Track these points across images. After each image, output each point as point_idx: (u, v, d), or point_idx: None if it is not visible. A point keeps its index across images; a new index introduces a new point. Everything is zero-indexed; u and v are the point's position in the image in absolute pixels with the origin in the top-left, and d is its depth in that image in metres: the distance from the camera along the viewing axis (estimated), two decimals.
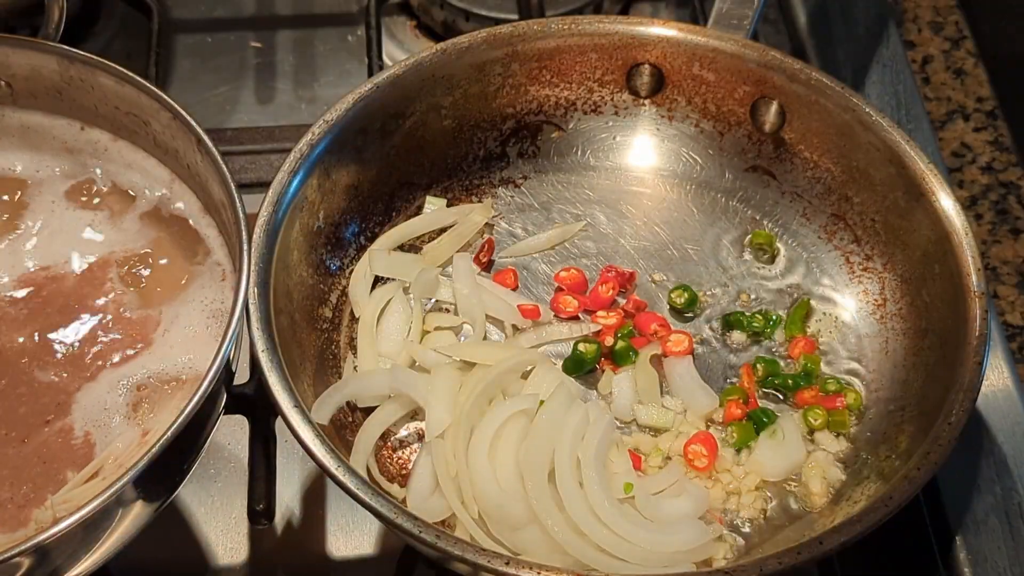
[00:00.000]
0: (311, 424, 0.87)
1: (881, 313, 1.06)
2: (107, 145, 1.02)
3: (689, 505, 0.94)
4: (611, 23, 1.13)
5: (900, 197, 1.05)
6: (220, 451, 1.05)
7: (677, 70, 1.14)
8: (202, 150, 0.94)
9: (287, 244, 0.99)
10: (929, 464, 0.87)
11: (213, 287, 0.96)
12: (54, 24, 1.08)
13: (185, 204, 1.00)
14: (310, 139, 1.03)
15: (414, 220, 1.11)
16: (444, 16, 1.34)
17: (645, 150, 1.17)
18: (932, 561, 1.01)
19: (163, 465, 0.80)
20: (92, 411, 0.89)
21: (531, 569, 0.81)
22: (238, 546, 1.01)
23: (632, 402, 1.01)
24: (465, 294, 1.05)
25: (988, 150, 1.33)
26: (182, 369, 0.91)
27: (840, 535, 0.84)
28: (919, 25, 1.43)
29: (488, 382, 0.96)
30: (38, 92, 1.01)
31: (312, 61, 1.35)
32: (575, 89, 1.15)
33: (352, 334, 1.04)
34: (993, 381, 1.08)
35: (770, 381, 1.03)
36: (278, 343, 0.92)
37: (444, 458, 0.92)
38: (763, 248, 1.11)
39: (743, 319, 1.06)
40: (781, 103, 1.11)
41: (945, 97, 1.37)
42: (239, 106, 1.31)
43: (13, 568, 0.76)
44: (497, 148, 1.15)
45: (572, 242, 1.12)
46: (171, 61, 1.33)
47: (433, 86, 1.10)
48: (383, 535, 1.02)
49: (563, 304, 1.07)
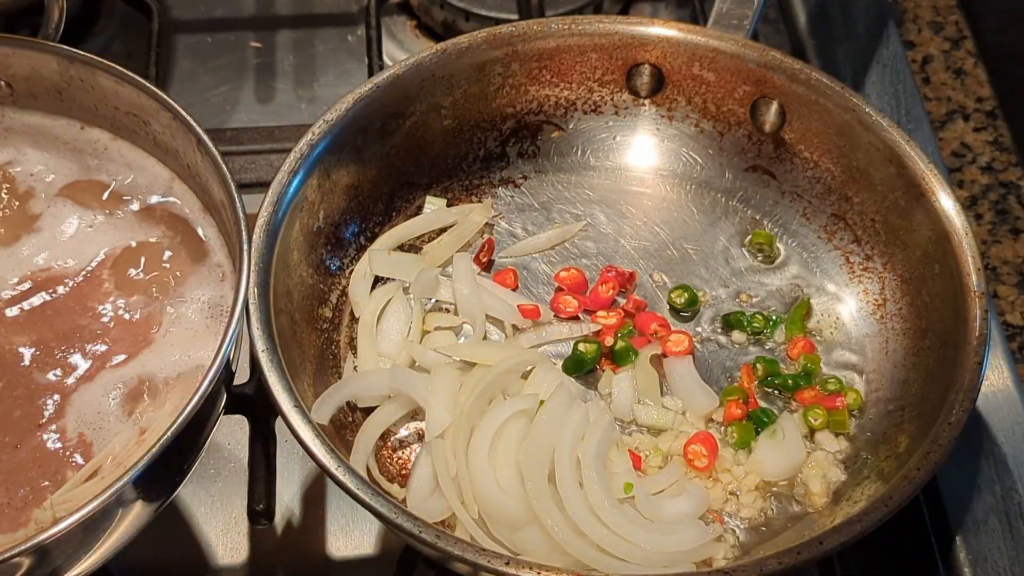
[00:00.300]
0: (311, 424, 0.87)
1: (881, 313, 1.06)
2: (107, 145, 1.02)
3: (689, 505, 0.94)
4: (611, 23, 1.13)
5: (900, 197, 1.05)
6: (220, 451, 1.05)
7: (677, 70, 1.14)
8: (202, 150, 0.94)
9: (287, 244, 0.99)
10: (929, 464, 0.87)
11: (213, 287, 0.96)
12: (54, 24, 1.08)
13: (185, 204, 1.00)
14: (310, 139, 1.03)
15: (414, 220, 1.11)
16: (444, 16, 1.34)
17: (645, 150, 1.17)
18: (932, 561, 1.01)
19: (163, 465, 0.80)
20: (89, 411, 0.89)
21: (531, 569, 0.81)
22: (238, 546, 1.01)
23: (632, 402, 1.01)
24: (465, 294, 1.05)
25: (988, 150, 1.33)
26: (182, 369, 0.91)
27: (840, 535, 0.84)
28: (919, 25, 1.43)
29: (488, 382, 0.96)
30: (38, 92, 1.01)
31: (312, 61, 1.35)
32: (575, 89, 1.15)
33: (352, 334, 1.04)
34: (993, 381, 1.08)
35: (770, 381, 1.03)
36: (278, 343, 0.92)
37: (444, 458, 0.92)
38: (763, 248, 1.11)
39: (743, 319, 1.06)
40: (781, 103, 1.11)
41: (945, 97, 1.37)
42: (239, 106, 1.31)
43: (13, 568, 0.76)
44: (497, 148, 1.15)
45: (572, 242, 1.12)
46: (171, 61, 1.33)
47: (433, 86, 1.10)
48: (383, 535, 1.02)
49: (563, 304, 1.07)
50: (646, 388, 1.02)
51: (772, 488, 0.97)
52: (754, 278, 1.10)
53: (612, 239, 1.12)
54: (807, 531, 0.93)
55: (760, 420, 0.99)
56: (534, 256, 1.11)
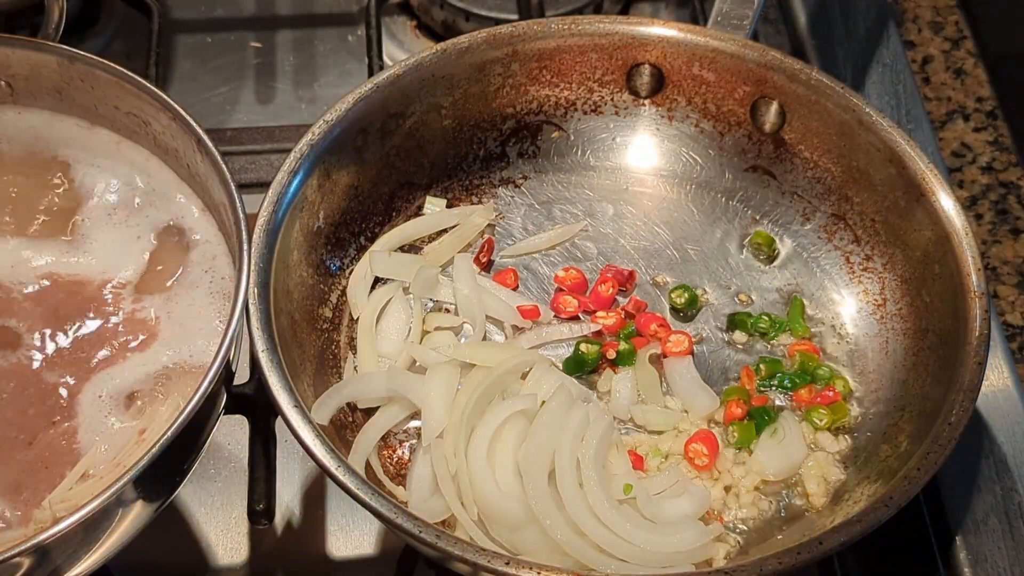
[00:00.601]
0: (311, 424, 0.87)
1: (881, 313, 1.06)
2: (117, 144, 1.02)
3: (689, 505, 0.94)
4: (611, 23, 1.13)
5: (900, 197, 1.05)
6: (220, 451, 1.05)
7: (677, 70, 1.14)
8: (202, 150, 0.94)
9: (287, 244, 0.99)
10: (929, 464, 0.87)
11: (213, 287, 0.96)
12: (54, 24, 1.08)
13: (185, 204, 1.00)
14: (310, 139, 1.03)
15: (415, 221, 1.11)
16: (444, 16, 1.34)
17: (645, 150, 1.17)
18: (932, 561, 1.01)
19: (163, 465, 0.80)
20: (92, 410, 0.89)
21: (531, 569, 0.81)
22: (238, 546, 1.01)
23: (632, 402, 1.01)
24: (465, 294, 1.05)
25: (988, 150, 1.33)
26: (181, 369, 0.91)
27: (840, 535, 0.84)
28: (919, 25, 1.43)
29: (489, 383, 0.96)
30: (38, 92, 1.01)
31: (312, 61, 1.35)
32: (575, 89, 1.15)
33: (352, 334, 1.04)
34: (993, 381, 1.08)
35: (771, 381, 1.03)
36: (278, 343, 0.92)
37: (443, 458, 0.92)
38: (763, 248, 1.11)
39: (747, 319, 1.06)
40: (781, 103, 1.11)
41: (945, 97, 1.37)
42: (239, 106, 1.31)
43: (13, 568, 0.76)
44: (497, 148, 1.15)
45: (572, 242, 1.12)
46: (171, 61, 1.33)
47: (433, 86, 1.10)
48: (383, 535, 1.02)
49: (563, 304, 1.07)
50: (646, 388, 1.02)
51: (772, 488, 0.97)
52: (754, 278, 1.10)
53: (612, 239, 1.12)
54: (807, 531, 0.93)
55: (761, 417, 0.99)
56: (534, 256, 1.11)
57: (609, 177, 1.16)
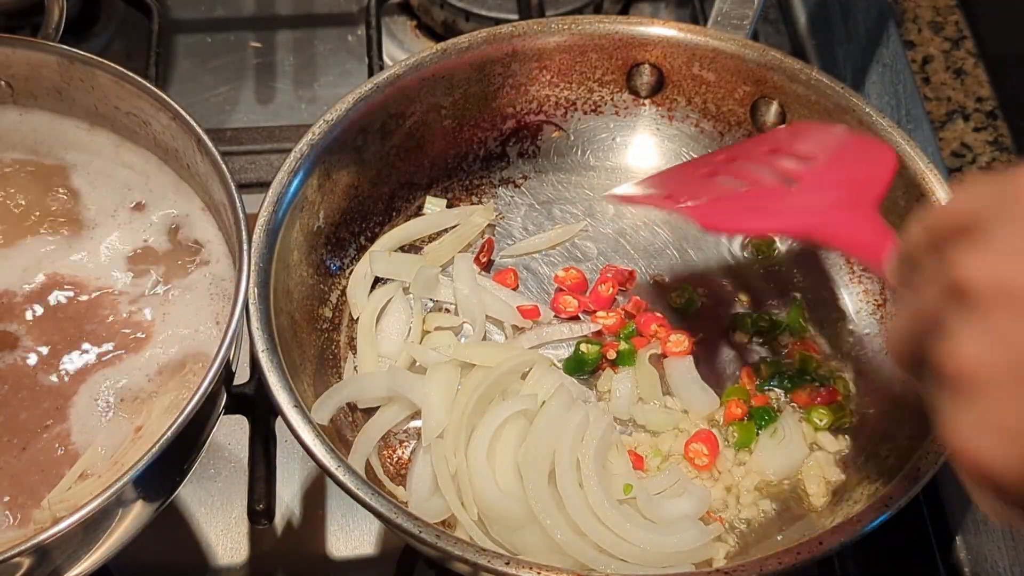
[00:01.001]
0: (311, 424, 0.87)
1: (881, 313, 1.06)
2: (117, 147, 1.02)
3: (689, 505, 0.94)
4: (611, 23, 1.13)
5: (900, 197, 1.04)
6: (220, 451, 1.05)
7: (677, 70, 1.14)
8: (202, 150, 0.94)
9: (287, 244, 0.99)
10: (929, 464, 0.87)
11: (213, 287, 0.96)
12: (54, 24, 1.08)
13: (185, 204, 1.00)
14: (310, 139, 1.03)
15: (415, 221, 1.11)
16: (444, 16, 1.34)
17: (645, 150, 1.17)
18: (932, 561, 1.01)
19: (163, 465, 0.80)
20: (87, 410, 0.89)
21: (531, 569, 0.81)
22: (238, 546, 1.01)
23: (632, 402, 1.01)
24: (465, 294, 1.05)
25: (988, 150, 1.33)
26: (181, 368, 0.91)
27: (840, 535, 0.84)
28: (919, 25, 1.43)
29: (489, 384, 0.96)
30: (38, 92, 1.01)
31: (312, 61, 1.35)
32: (575, 89, 1.15)
33: (352, 334, 1.04)
34: None
35: (771, 381, 1.03)
36: (278, 343, 0.92)
37: (443, 459, 0.92)
38: (763, 248, 1.11)
39: (747, 319, 1.06)
40: (781, 103, 1.11)
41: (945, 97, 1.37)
42: (239, 106, 1.31)
43: (13, 568, 0.76)
44: (497, 148, 1.16)
45: (572, 242, 1.12)
46: (171, 61, 1.33)
47: (433, 86, 1.10)
48: (383, 535, 1.02)
49: (563, 304, 1.07)
50: (646, 388, 1.02)
51: (772, 488, 0.97)
52: (754, 278, 1.10)
53: (612, 239, 1.12)
54: (807, 531, 0.93)
55: (761, 417, 0.99)
56: (534, 256, 1.11)
57: (609, 177, 1.16)
